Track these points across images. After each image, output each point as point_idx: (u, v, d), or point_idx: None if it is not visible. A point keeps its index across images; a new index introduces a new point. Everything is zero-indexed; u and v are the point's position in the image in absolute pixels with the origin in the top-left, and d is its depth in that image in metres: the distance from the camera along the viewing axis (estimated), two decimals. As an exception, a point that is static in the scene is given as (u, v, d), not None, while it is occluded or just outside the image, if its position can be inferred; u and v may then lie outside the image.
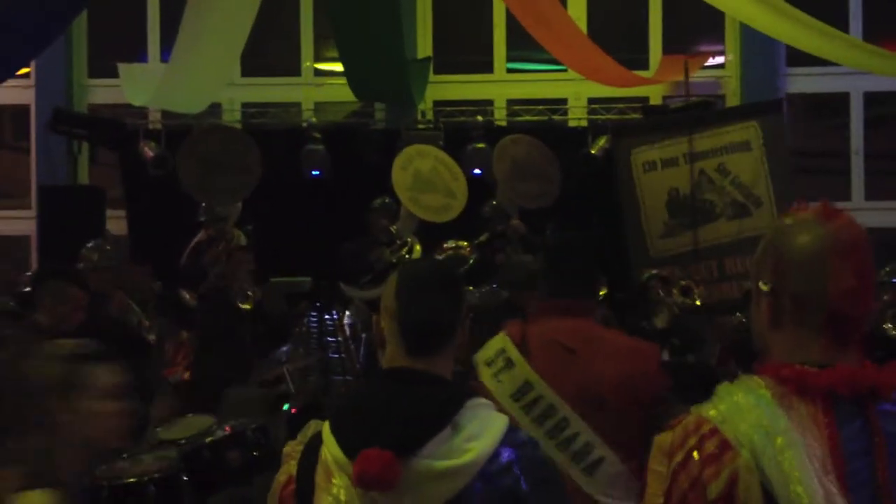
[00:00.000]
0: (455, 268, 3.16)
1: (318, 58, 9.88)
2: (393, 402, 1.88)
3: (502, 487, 1.81)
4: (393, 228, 7.62)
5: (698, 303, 6.56)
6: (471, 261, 7.25)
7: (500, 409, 1.97)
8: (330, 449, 1.89)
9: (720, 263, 7.88)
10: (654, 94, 9.28)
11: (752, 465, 1.49)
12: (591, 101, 9.21)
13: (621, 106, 8.91)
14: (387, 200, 7.66)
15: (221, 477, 4.37)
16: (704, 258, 7.89)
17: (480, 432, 1.83)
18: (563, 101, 9.38)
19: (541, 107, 9.04)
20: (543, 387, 2.65)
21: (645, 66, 9.33)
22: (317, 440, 1.95)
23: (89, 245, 6.42)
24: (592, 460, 2.60)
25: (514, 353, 2.71)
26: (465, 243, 7.36)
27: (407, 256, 7.43)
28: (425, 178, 7.81)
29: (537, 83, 9.69)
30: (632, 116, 8.82)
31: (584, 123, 8.94)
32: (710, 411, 1.58)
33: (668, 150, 8.15)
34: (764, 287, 1.63)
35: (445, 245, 7.53)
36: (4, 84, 7.90)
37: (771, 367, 1.60)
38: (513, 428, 1.88)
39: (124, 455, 4.54)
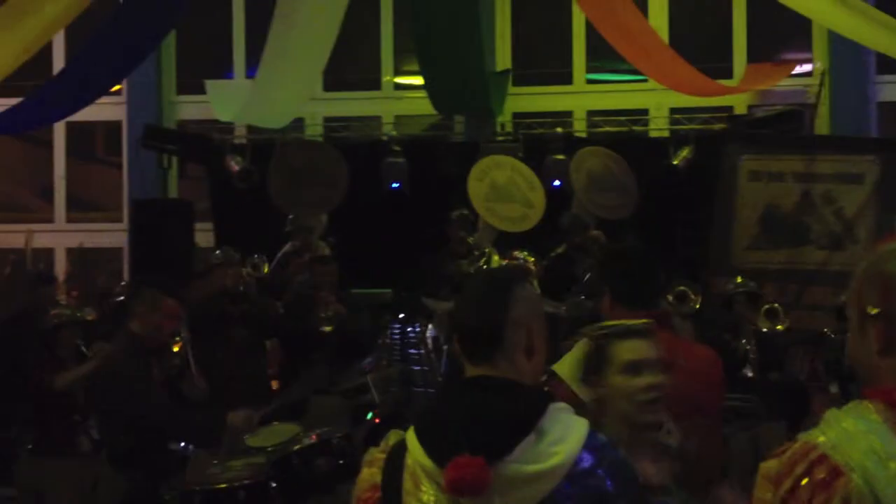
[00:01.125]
0: (506, 274, 3.16)
1: (398, 72, 10.01)
2: (477, 409, 1.91)
3: (589, 489, 1.84)
4: (470, 240, 7.66)
5: (780, 327, 6.38)
6: (533, 272, 7.20)
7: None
8: (416, 456, 1.93)
9: (800, 290, 7.62)
10: (739, 104, 9.16)
11: (865, 491, 1.48)
12: (674, 111, 9.13)
13: (705, 116, 8.80)
14: (464, 212, 7.71)
15: (309, 485, 4.44)
16: (784, 280, 7.68)
17: (564, 436, 1.86)
18: (644, 111, 9.32)
19: (621, 117, 9.00)
20: None
21: (729, 75, 9.21)
22: (401, 448, 1.99)
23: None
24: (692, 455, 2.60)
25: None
26: (531, 257, 7.31)
27: (485, 267, 7.46)
28: (502, 189, 7.84)
29: (618, 94, 9.65)
30: (716, 126, 8.70)
31: (666, 134, 8.86)
32: (819, 438, 1.56)
33: (778, 165, 7.92)
34: (872, 311, 1.60)
35: (513, 254, 7.52)
36: (98, 101, 8.22)
37: (882, 392, 1.57)
38: (593, 431, 1.91)
39: (215, 461, 4.67)
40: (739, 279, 6.63)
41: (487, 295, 2.05)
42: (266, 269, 7.46)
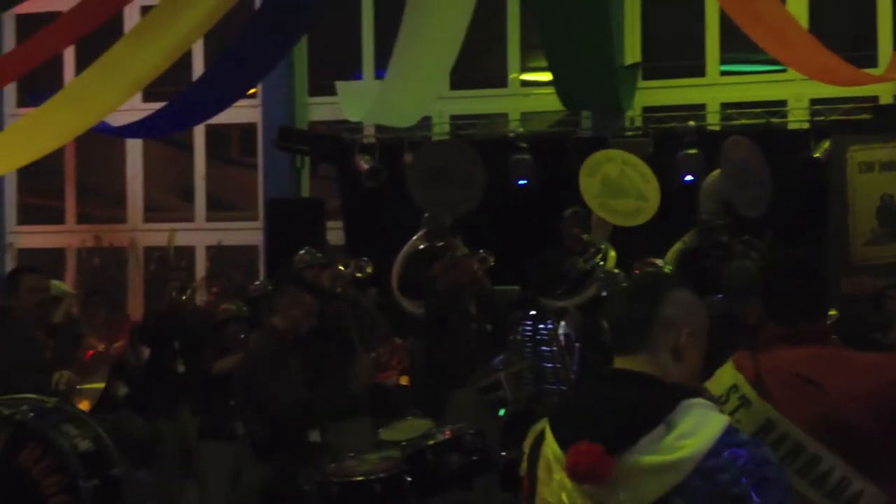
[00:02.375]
0: (666, 276, 3.08)
1: (525, 69, 9.99)
2: (607, 400, 1.93)
3: (720, 485, 1.82)
4: (585, 237, 7.58)
5: None
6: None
7: None
8: (549, 444, 1.97)
9: None
10: (885, 93, 8.73)
11: None
12: (814, 101, 8.78)
13: (848, 106, 8.41)
14: (577, 209, 7.64)
15: (442, 479, 4.50)
16: None
17: (694, 430, 1.85)
18: (783, 102, 9.00)
19: (758, 109, 8.72)
20: (787, 424, 2.48)
21: (873, 64, 8.80)
22: (541, 437, 2.04)
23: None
24: (851, 494, 2.42)
25: (748, 391, 2.55)
26: (668, 266, 7.15)
27: (601, 264, 7.36)
28: (614, 183, 7.71)
29: (754, 85, 9.35)
30: (860, 117, 8.32)
31: (806, 126, 8.54)
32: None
33: (890, 153, 7.62)
34: None
35: (646, 260, 7.36)
36: (234, 105, 8.51)
37: None
38: (733, 428, 1.89)
39: (351, 454, 4.79)
40: None
41: (641, 290, 2.12)
42: (370, 270, 7.58)
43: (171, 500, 6.67)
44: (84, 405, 5.15)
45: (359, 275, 7.30)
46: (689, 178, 8.08)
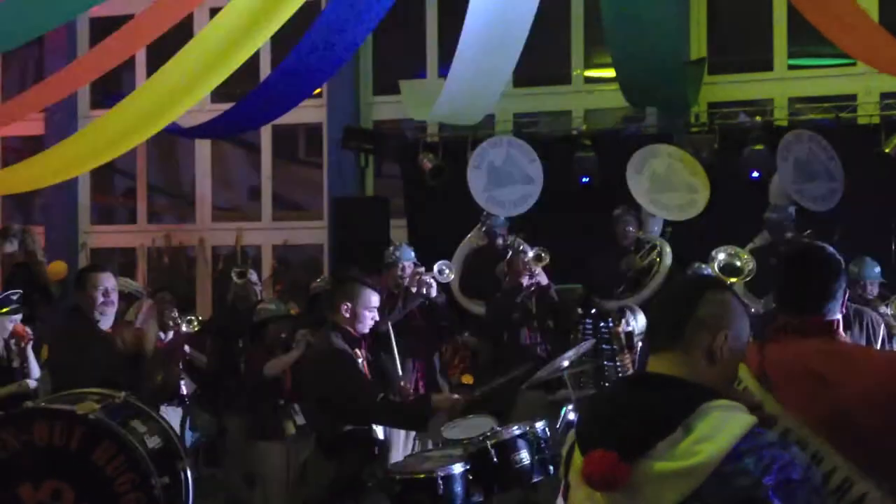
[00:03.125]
0: (707, 278, 3.06)
1: (589, 65, 9.93)
2: (626, 406, 1.92)
3: (740, 489, 1.78)
4: (639, 234, 7.51)
5: None
6: (748, 270, 6.93)
7: None
8: (576, 451, 1.97)
9: None
10: (959, 87, 8.50)
11: None
12: (884, 95, 8.58)
13: (920, 100, 8.23)
14: (627, 207, 7.58)
15: (506, 478, 4.50)
16: None
17: (712, 435, 1.82)
18: (852, 97, 8.81)
19: (826, 104, 8.55)
20: (789, 419, 2.40)
21: (947, 56, 8.55)
22: (573, 446, 2.02)
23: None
24: (853, 498, 2.33)
25: (752, 383, 2.47)
26: (741, 251, 7.04)
27: (657, 260, 7.29)
28: (662, 178, 7.64)
29: (822, 79, 9.16)
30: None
31: (876, 120, 8.34)
32: None
33: None
34: None
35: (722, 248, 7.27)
36: (300, 105, 8.63)
37: None
38: (758, 430, 1.85)
39: (414, 451, 4.83)
40: None
41: (679, 289, 2.11)
42: (451, 274, 7.59)
43: (238, 497, 6.79)
44: None
45: (440, 278, 7.33)
46: (755, 174, 7.96)
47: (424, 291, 6.58)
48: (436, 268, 7.02)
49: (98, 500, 4.00)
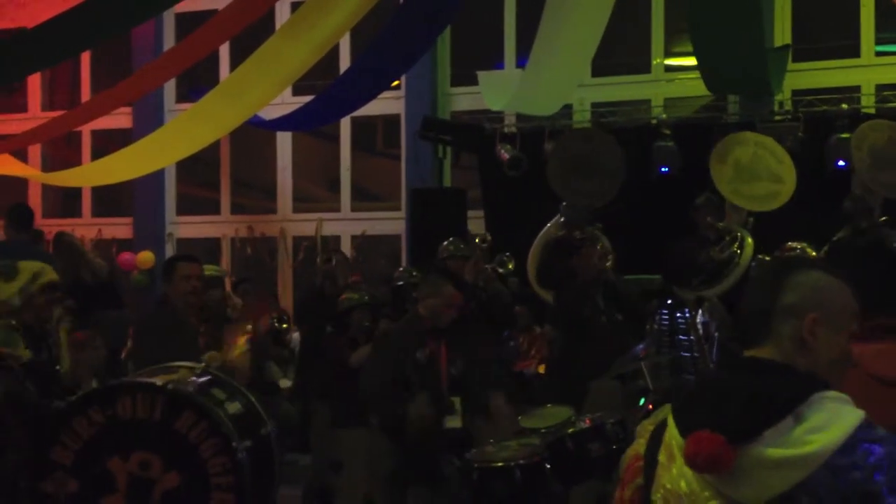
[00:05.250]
0: (788, 260, 2.97)
1: (669, 54, 9.80)
2: (733, 389, 1.87)
3: (851, 482, 1.74)
4: (720, 225, 7.37)
5: None
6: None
7: None
8: (671, 432, 1.93)
9: None
10: None
11: None
12: (976, 81, 8.31)
13: None
14: (710, 196, 7.44)
15: (583, 468, 4.51)
16: None
17: (826, 425, 1.77)
18: (943, 83, 8.55)
19: (915, 91, 8.29)
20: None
21: None
22: (665, 423, 1.99)
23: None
24: None
25: None
26: (811, 248, 6.87)
27: (738, 252, 7.15)
28: (747, 167, 7.45)
29: (911, 66, 8.91)
30: None
31: (967, 107, 8.06)
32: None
33: None
34: None
35: (788, 245, 7.12)
36: (379, 96, 8.71)
37: None
38: (869, 423, 1.80)
39: (491, 440, 4.86)
40: None
41: (762, 279, 2.02)
42: (511, 266, 7.59)
43: (324, 483, 6.89)
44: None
45: (500, 270, 7.34)
46: (841, 163, 7.75)
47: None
48: (496, 260, 7.05)
49: (185, 466, 4.11)
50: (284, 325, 7.07)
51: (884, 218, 7.05)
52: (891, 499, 1.73)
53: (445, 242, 7.13)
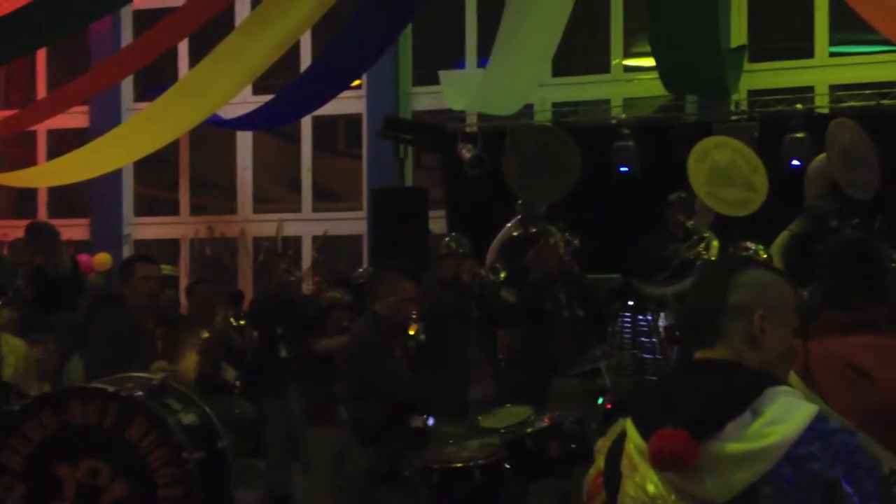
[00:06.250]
0: (732, 260, 3.05)
1: (627, 54, 9.88)
2: (690, 388, 1.90)
3: (811, 473, 1.77)
4: (689, 224, 7.44)
5: None
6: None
7: None
8: (633, 439, 1.94)
9: None
10: None
11: None
12: (927, 82, 8.47)
13: (962, 86, 8.10)
14: (683, 195, 7.51)
15: (542, 467, 4.51)
16: None
17: (783, 417, 1.80)
18: (894, 83, 8.68)
19: (868, 91, 8.43)
20: (834, 416, 2.32)
21: None
22: (622, 436, 2.01)
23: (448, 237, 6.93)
24: None
25: (795, 381, 2.41)
26: (761, 248, 6.98)
27: (703, 252, 7.23)
28: (723, 171, 7.53)
29: (864, 66, 9.06)
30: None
31: (919, 108, 8.22)
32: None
33: None
34: None
35: (739, 244, 7.21)
36: (340, 96, 8.68)
37: None
38: (823, 416, 1.84)
39: (451, 441, 4.86)
40: None
41: (707, 281, 2.04)
42: (503, 275, 7.58)
43: (280, 485, 6.85)
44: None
45: (493, 277, 7.33)
46: (795, 162, 7.88)
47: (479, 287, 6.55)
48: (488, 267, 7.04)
49: (133, 475, 4.04)
50: (242, 322, 7.02)
51: (856, 220, 7.16)
52: (849, 488, 1.76)
53: (447, 239, 7.03)
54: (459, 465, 4.48)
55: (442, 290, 6.52)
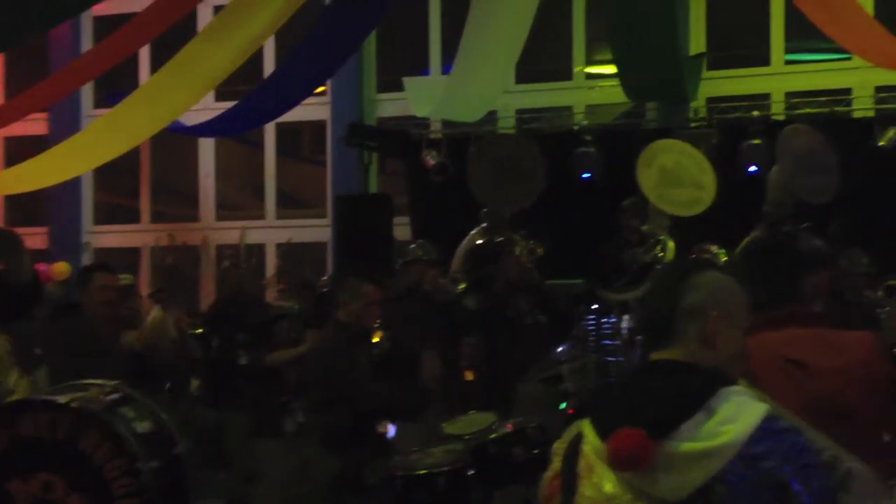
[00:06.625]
0: (687, 263, 3.16)
1: (590, 61, 9.96)
2: (646, 389, 1.93)
3: (763, 472, 1.81)
4: (644, 228, 7.52)
5: None
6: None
7: None
8: (590, 440, 1.97)
9: None
10: (952, 80, 8.52)
11: None
12: (879, 89, 8.62)
13: (913, 93, 8.27)
14: (635, 200, 7.59)
15: (506, 473, 4.53)
16: None
17: (735, 417, 1.84)
18: (847, 91, 8.85)
19: (822, 98, 8.58)
20: (777, 408, 2.33)
21: (943, 49, 8.57)
22: (578, 437, 2.03)
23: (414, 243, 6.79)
24: (843, 473, 2.29)
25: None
26: (722, 251, 7.08)
27: (661, 255, 7.31)
28: (671, 173, 7.64)
29: (818, 73, 9.24)
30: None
31: (871, 114, 8.38)
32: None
33: None
34: None
35: (701, 247, 7.30)
36: (304, 102, 8.66)
37: None
38: (774, 416, 1.88)
39: (415, 448, 4.86)
40: None
41: (663, 284, 2.09)
42: (464, 286, 7.57)
43: (242, 495, 6.79)
44: None
45: (452, 287, 7.30)
46: (753, 168, 8.01)
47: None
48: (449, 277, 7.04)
49: (89, 488, 3.95)
50: (199, 331, 6.96)
51: (806, 224, 7.28)
52: (798, 487, 1.81)
53: (413, 245, 6.86)
54: (423, 471, 4.48)
55: (405, 297, 6.52)
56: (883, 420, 2.48)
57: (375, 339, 5.82)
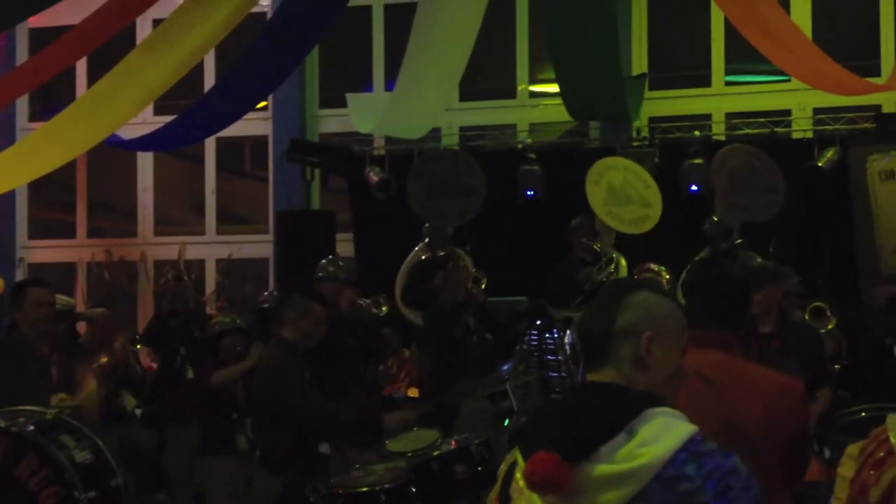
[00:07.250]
0: (624, 283, 3.23)
1: (533, 80, 10.04)
2: (570, 411, 1.92)
3: (681, 494, 1.79)
4: (596, 246, 7.57)
5: None
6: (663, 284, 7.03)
7: None
8: (519, 463, 1.95)
9: None
10: (888, 102, 8.75)
11: None
12: (818, 111, 8.82)
13: (851, 115, 8.46)
14: (584, 218, 7.65)
15: (449, 490, 4.50)
16: None
17: (656, 438, 1.82)
18: (787, 112, 9.04)
19: (762, 119, 8.75)
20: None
21: (876, 73, 8.82)
22: (516, 461, 2.01)
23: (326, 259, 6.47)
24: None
25: None
26: (664, 269, 7.17)
27: (613, 274, 7.36)
28: (619, 191, 7.74)
29: (758, 95, 9.40)
30: (863, 126, 8.36)
31: (810, 135, 8.57)
32: (892, 418, 1.53)
33: None
34: None
35: (643, 266, 7.37)
36: (245, 117, 8.57)
37: None
38: (698, 438, 1.86)
39: (357, 465, 4.81)
40: None
41: (598, 304, 2.06)
42: (385, 309, 7.52)
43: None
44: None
45: (375, 311, 7.22)
46: (694, 188, 8.12)
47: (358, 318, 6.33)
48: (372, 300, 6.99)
49: None
50: (139, 347, 6.81)
51: (740, 240, 7.40)
52: None
53: (324, 261, 6.50)
54: (365, 489, 4.44)
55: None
56: (769, 457, 2.54)
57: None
